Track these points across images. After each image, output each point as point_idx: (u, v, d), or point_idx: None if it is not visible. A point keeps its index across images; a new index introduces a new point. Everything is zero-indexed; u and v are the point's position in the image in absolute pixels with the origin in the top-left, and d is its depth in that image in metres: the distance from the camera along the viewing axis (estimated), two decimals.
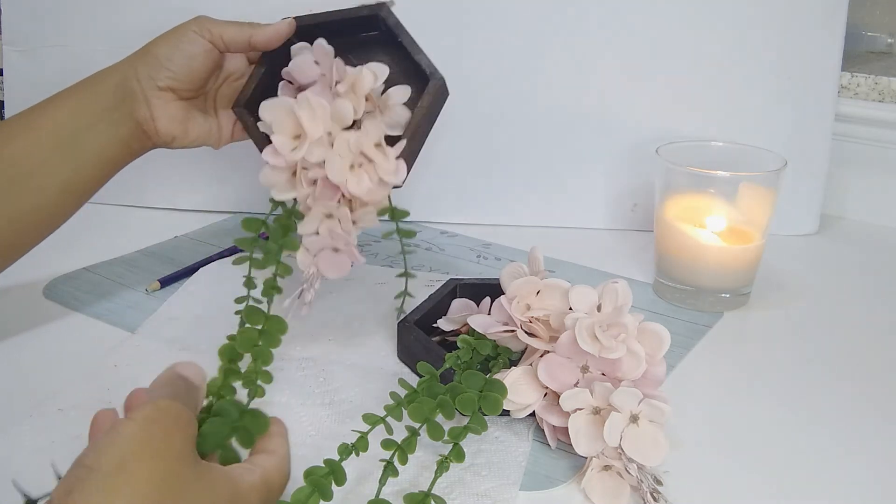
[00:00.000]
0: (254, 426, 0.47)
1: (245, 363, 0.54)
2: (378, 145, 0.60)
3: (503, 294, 0.61)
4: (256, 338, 0.54)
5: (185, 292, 0.77)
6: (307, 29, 0.66)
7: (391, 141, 0.61)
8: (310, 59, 0.64)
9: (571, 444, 0.54)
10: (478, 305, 0.67)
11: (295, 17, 0.66)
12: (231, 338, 0.55)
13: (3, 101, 1.01)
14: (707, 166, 0.74)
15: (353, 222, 0.61)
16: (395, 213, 0.64)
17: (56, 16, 0.93)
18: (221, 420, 0.46)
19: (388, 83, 0.63)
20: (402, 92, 0.63)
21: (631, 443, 0.52)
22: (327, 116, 0.59)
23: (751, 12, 0.87)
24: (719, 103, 0.90)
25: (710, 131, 0.86)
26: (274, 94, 0.67)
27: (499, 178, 0.94)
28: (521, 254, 0.83)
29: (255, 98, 0.66)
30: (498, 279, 0.63)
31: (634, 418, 0.53)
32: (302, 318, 0.60)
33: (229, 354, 0.54)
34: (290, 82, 0.67)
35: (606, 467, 0.53)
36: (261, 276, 0.59)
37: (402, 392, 0.55)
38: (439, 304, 0.69)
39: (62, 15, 0.93)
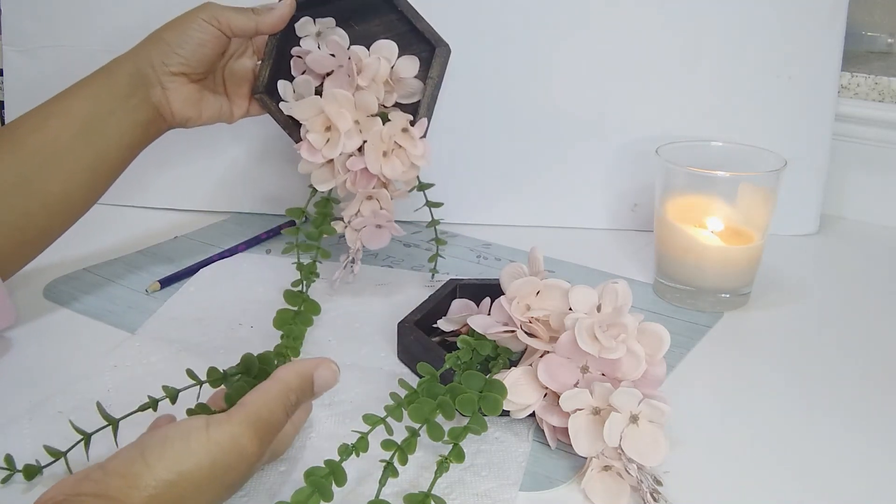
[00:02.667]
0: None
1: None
2: (405, 130, 0.68)
3: (503, 294, 0.61)
4: (291, 317, 0.65)
5: (186, 293, 0.77)
6: (307, 4, 0.71)
7: (407, 109, 0.70)
8: (325, 53, 0.70)
9: (571, 445, 0.54)
10: (478, 306, 0.67)
11: None
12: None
13: (2, 102, 1.01)
14: (707, 166, 0.74)
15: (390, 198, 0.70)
16: (422, 185, 0.74)
17: (56, 16, 0.93)
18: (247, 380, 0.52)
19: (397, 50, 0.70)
20: (411, 66, 0.70)
21: (631, 443, 0.52)
22: (352, 105, 0.67)
23: (751, 12, 0.87)
24: (719, 103, 0.90)
25: (710, 131, 0.86)
26: (282, 69, 0.73)
27: (499, 178, 0.94)
28: (521, 254, 0.83)
29: (273, 83, 0.72)
30: (498, 279, 0.63)
31: (634, 418, 0.53)
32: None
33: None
34: (300, 57, 0.73)
35: (606, 467, 0.53)
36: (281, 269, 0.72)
37: (403, 392, 0.55)
38: (439, 304, 0.69)
39: (62, 15, 0.93)
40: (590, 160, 0.92)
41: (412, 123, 0.69)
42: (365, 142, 0.68)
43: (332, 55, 0.70)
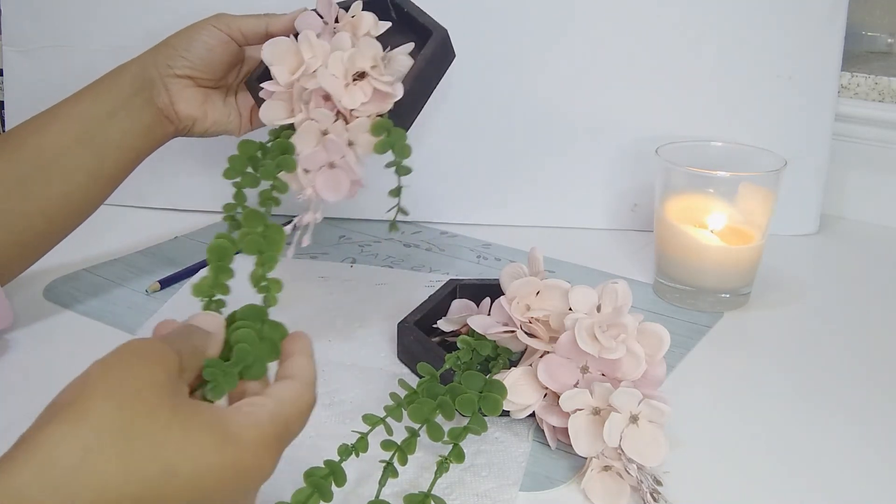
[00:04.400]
0: (274, 333, 0.44)
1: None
2: (374, 65, 0.60)
3: (503, 294, 0.61)
4: (260, 241, 0.50)
5: (186, 293, 0.77)
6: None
7: (396, 106, 0.60)
8: (313, 15, 0.65)
9: (571, 445, 0.54)
10: (478, 306, 0.67)
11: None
12: (221, 236, 0.50)
13: (2, 102, 1.01)
14: (707, 166, 0.74)
15: (350, 143, 0.59)
16: (393, 133, 0.59)
17: (56, 16, 0.93)
18: (251, 332, 0.44)
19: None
20: (405, 45, 0.63)
21: (631, 443, 0.52)
22: (327, 55, 0.60)
23: (751, 12, 0.87)
24: (719, 103, 0.90)
25: (710, 131, 0.86)
26: None
27: (499, 178, 0.94)
28: (521, 254, 0.83)
29: (267, 76, 0.67)
30: (498, 280, 0.63)
31: (634, 419, 0.53)
32: (302, 319, 0.60)
33: (218, 253, 0.49)
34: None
35: (606, 468, 0.53)
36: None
37: (402, 393, 0.55)
38: (439, 304, 0.69)
39: (62, 15, 0.93)
40: (590, 160, 0.92)
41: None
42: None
43: (321, 16, 0.65)
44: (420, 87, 0.64)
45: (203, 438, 0.36)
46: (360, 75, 0.60)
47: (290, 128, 0.61)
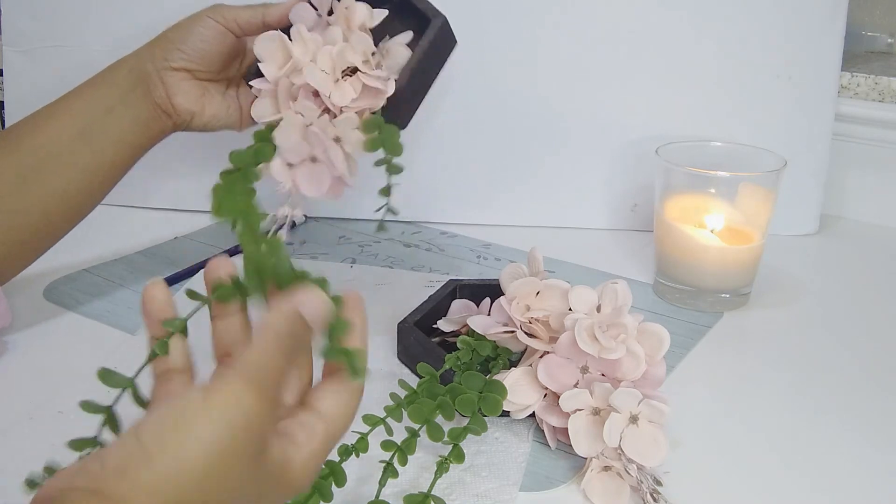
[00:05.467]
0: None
1: None
2: (365, 60, 0.57)
3: (503, 295, 0.61)
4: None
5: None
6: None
7: (392, 100, 0.58)
8: (306, 6, 0.64)
9: (571, 445, 0.54)
10: (478, 306, 0.67)
11: None
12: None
13: (2, 102, 1.01)
14: (707, 166, 0.74)
15: (338, 139, 0.57)
16: (384, 130, 0.57)
17: (56, 16, 0.93)
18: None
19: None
20: (403, 35, 0.61)
21: (631, 443, 0.52)
22: (318, 48, 0.58)
23: (751, 12, 0.87)
24: (719, 103, 0.90)
25: (710, 131, 0.86)
26: None
27: (499, 178, 0.93)
28: (521, 254, 0.83)
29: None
30: (498, 280, 0.63)
31: (634, 419, 0.53)
32: None
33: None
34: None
35: (606, 468, 0.53)
36: None
37: (402, 393, 0.55)
38: (439, 304, 0.69)
39: (62, 15, 0.93)
40: (590, 160, 0.92)
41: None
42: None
43: (315, 7, 0.64)
44: (419, 79, 0.62)
45: (271, 489, 0.37)
46: (352, 71, 0.58)
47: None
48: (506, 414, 0.57)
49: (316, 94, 0.59)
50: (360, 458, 0.50)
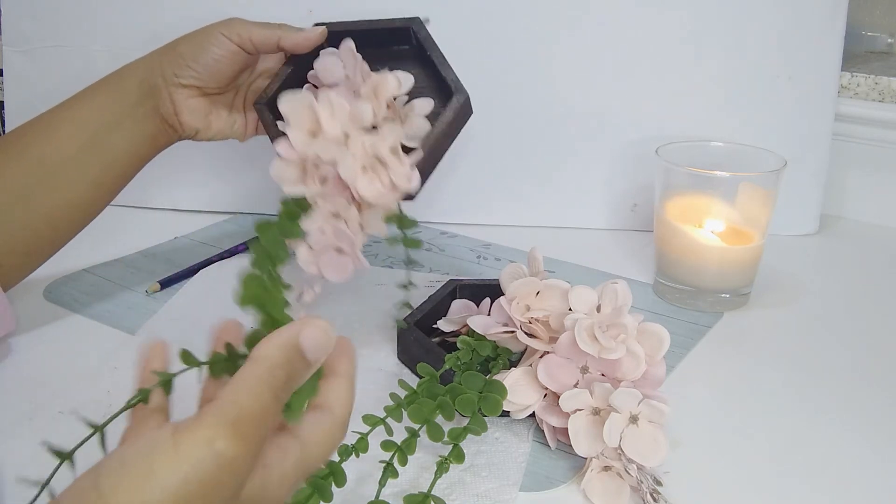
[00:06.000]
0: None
1: None
2: (394, 150, 0.58)
3: (503, 295, 0.61)
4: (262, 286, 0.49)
5: (186, 294, 0.77)
6: (338, 36, 0.65)
7: (408, 153, 0.60)
8: (335, 61, 0.64)
9: (571, 445, 0.54)
10: (478, 306, 0.67)
11: (326, 24, 0.66)
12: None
13: (2, 102, 1.01)
14: (707, 166, 0.74)
15: (361, 226, 0.59)
16: (404, 222, 0.61)
17: (56, 16, 0.93)
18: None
19: (416, 97, 0.62)
20: (424, 103, 0.62)
21: (631, 443, 0.52)
22: (346, 117, 0.58)
23: (751, 12, 0.87)
24: (719, 103, 0.90)
25: (710, 131, 0.86)
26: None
27: (499, 178, 0.94)
28: (521, 254, 0.83)
29: (279, 97, 0.65)
30: (498, 280, 0.63)
31: (634, 419, 0.53)
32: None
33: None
34: (315, 86, 0.66)
35: (606, 468, 0.53)
36: None
37: (402, 393, 0.55)
38: (439, 304, 0.69)
39: (62, 15, 0.93)
40: (590, 160, 0.92)
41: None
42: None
43: (343, 64, 0.64)
44: (435, 154, 0.64)
45: None
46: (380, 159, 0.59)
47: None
48: (506, 414, 0.57)
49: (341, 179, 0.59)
50: (360, 458, 0.50)
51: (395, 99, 0.62)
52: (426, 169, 0.63)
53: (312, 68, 0.66)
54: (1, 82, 1.00)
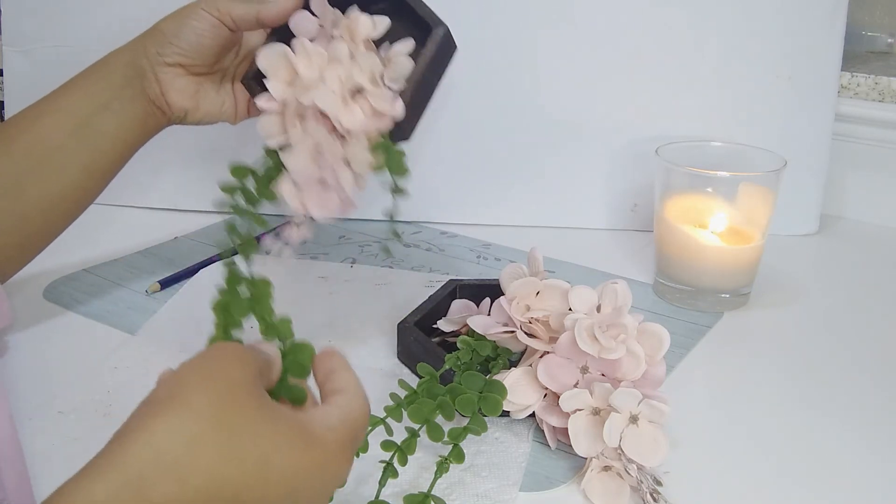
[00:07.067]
0: (301, 355, 0.44)
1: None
2: (372, 79, 0.58)
3: (503, 295, 0.61)
4: (247, 305, 0.50)
5: (186, 294, 0.77)
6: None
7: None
8: (306, 14, 0.63)
9: (571, 445, 0.54)
10: (478, 306, 0.67)
11: None
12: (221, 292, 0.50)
13: (2, 102, 1.01)
14: (707, 166, 0.74)
15: (346, 162, 0.57)
16: (391, 152, 0.58)
17: (56, 16, 0.93)
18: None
19: (394, 42, 0.61)
20: (405, 43, 0.60)
21: (631, 443, 0.52)
22: (324, 63, 0.58)
23: (751, 12, 0.87)
24: (719, 103, 0.90)
25: (710, 131, 0.86)
26: None
27: (499, 178, 0.94)
28: (521, 254, 0.83)
29: (262, 74, 0.64)
30: (498, 280, 0.63)
31: (634, 419, 0.53)
32: (302, 319, 0.60)
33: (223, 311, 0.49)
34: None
35: (606, 468, 0.53)
36: None
37: (402, 393, 0.55)
38: (439, 304, 0.69)
39: (62, 15, 0.93)
40: (590, 160, 0.92)
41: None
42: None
43: (315, 15, 0.63)
44: (422, 92, 0.62)
45: (291, 436, 0.37)
46: (358, 89, 0.58)
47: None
48: (506, 414, 0.57)
49: (324, 114, 0.58)
50: (360, 458, 0.50)
51: (377, 46, 0.61)
52: (415, 109, 0.62)
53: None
54: (1, 82, 1.00)
